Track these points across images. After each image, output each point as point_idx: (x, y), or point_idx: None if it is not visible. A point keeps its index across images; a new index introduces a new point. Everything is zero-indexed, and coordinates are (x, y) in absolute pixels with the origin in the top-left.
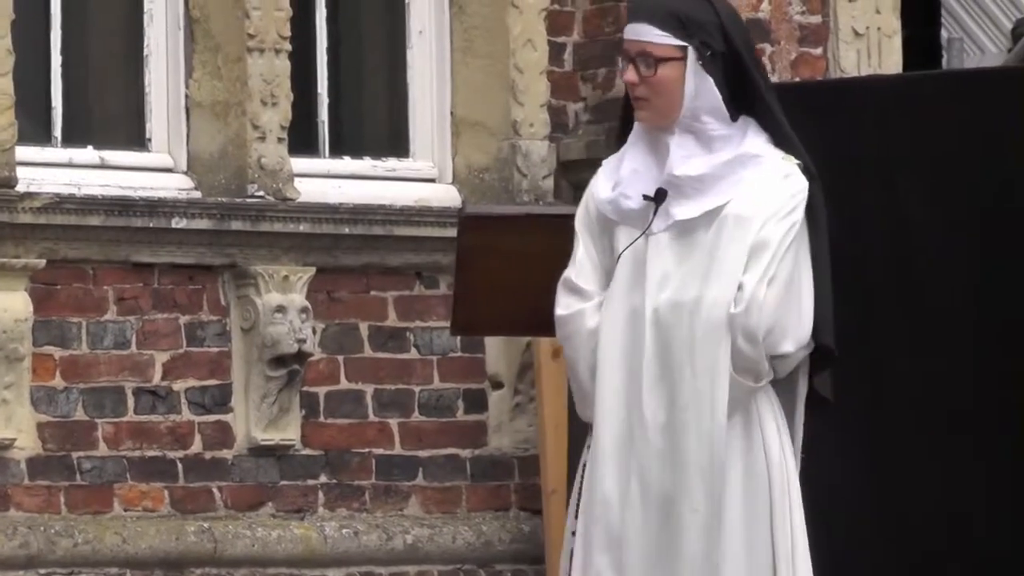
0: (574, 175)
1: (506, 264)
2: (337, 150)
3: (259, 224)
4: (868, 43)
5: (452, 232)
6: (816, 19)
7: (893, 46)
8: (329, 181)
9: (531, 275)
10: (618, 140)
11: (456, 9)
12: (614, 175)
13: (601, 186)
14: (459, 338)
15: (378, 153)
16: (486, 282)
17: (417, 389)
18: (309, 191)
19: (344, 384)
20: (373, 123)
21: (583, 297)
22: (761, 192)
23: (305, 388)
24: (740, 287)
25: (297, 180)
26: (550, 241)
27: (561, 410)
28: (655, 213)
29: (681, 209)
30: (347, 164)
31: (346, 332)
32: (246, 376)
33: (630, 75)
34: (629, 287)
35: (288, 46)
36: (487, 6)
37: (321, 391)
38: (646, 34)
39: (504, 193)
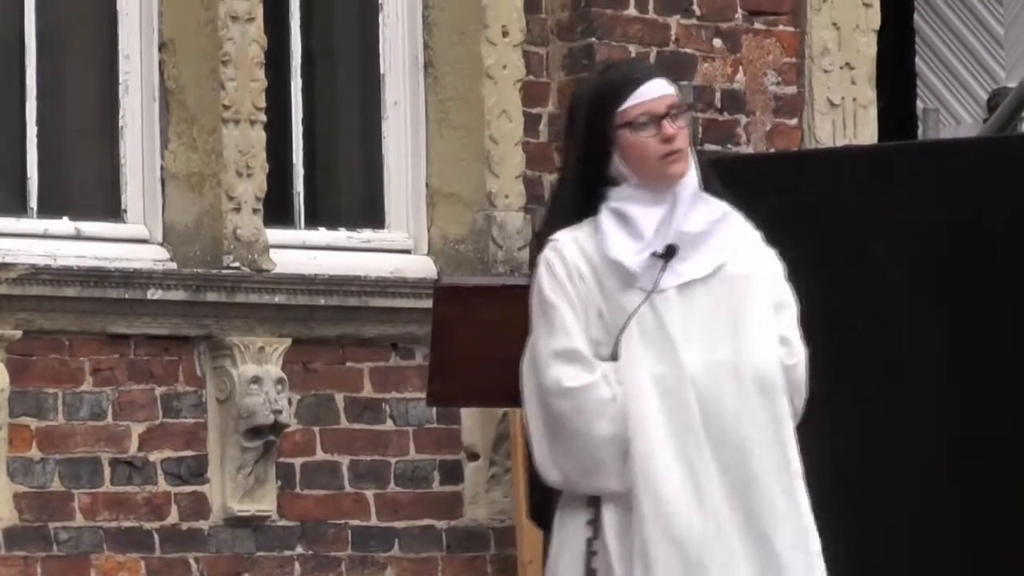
0: None
1: (482, 335)
2: (312, 221)
3: (235, 295)
4: (843, 114)
5: (427, 303)
6: (791, 90)
7: (868, 117)
8: (304, 252)
9: (507, 346)
10: (573, 207)
11: (431, 80)
12: (594, 239)
13: (615, 246)
14: (435, 409)
15: (353, 224)
16: (462, 353)
17: (393, 460)
18: (284, 262)
19: (320, 455)
20: (348, 194)
21: (589, 367)
22: (753, 250)
23: (281, 459)
24: (785, 341)
25: (272, 251)
26: (526, 312)
27: None
28: (662, 270)
29: (688, 267)
30: (322, 235)
31: (322, 403)
32: (222, 447)
33: (670, 128)
34: (645, 349)
35: (263, 117)
36: (462, 77)
37: (297, 462)
38: (668, 88)
39: (479, 264)
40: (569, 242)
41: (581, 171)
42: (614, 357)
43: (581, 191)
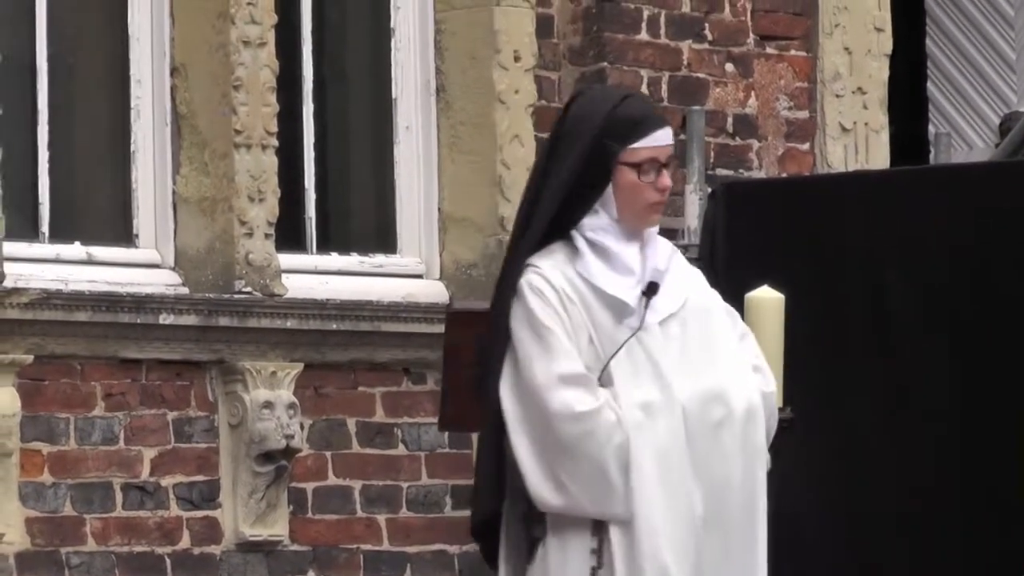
0: None
1: None
2: (324, 246)
3: (246, 320)
4: (855, 138)
5: (439, 328)
6: (803, 114)
7: (880, 141)
8: (316, 277)
9: None
10: (549, 223)
11: (443, 105)
12: (576, 266)
13: (608, 283)
14: (447, 434)
15: (365, 249)
16: (474, 378)
17: (405, 485)
18: (296, 287)
19: (332, 480)
20: (360, 219)
21: (594, 390)
22: (701, 283)
23: (293, 484)
24: (757, 369)
25: (284, 276)
26: None
27: None
28: (646, 307)
29: (663, 302)
30: (334, 260)
31: (334, 428)
32: (234, 472)
33: (667, 180)
34: (635, 376)
35: (275, 142)
36: (474, 102)
37: (309, 487)
38: (671, 138)
39: (491, 289)
40: (551, 268)
41: (569, 190)
42: (601, 384)
43: (562, 209)
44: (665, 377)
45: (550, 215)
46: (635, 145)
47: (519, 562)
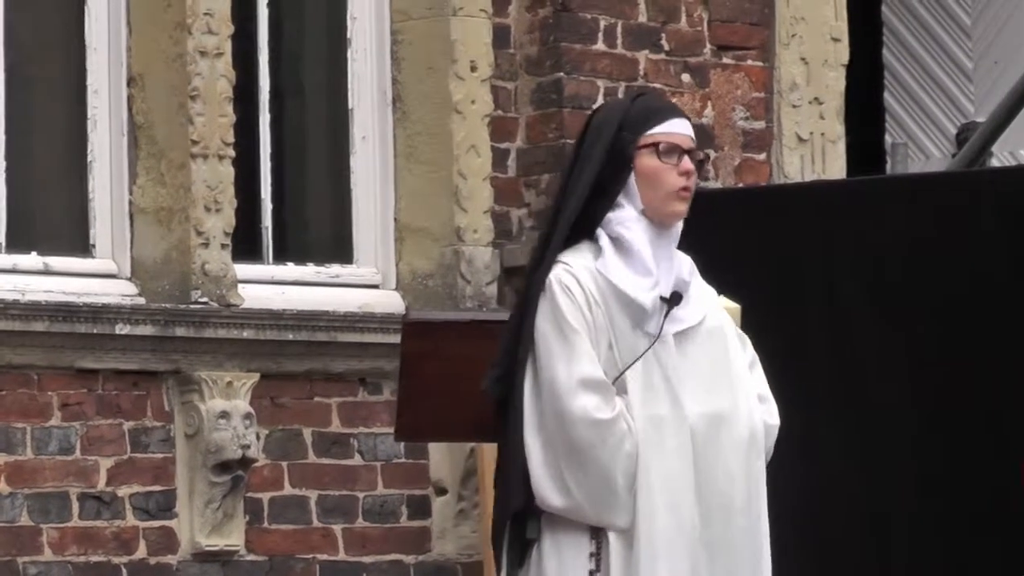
0: (518, 281)
1: (450, 370)
2: (281, 256)
3: (203, 330)
4: (812, 148)
5: (396, 338)
6: (760, 125)
7: (837, 151)
8: (273, 287)
9: (475, 381)
10: (575, 222)
11: (399, 115)
12: (599, 265)
13: (624, 280)
14: (403, 444)
15: (322, 259)
16: (430, 388)
17: (361, 495)
18: (253, 297)
19: (288, 490)
20: (317, 229)
21: (612, 398)
22: (716, 303)
23: (249, 494)
24: (763, 399)
25: (241, 286)
26: (494, 347)
27: None
28: (666, 316)
29: (684, 314)
30: (291, 270)
31: (290, 438)
32: (190, 482)
33: (690, 164)
34: (648, 390)
35: (232, 152)
36: (430, 112)
37: (265, 497)
38: (690, 130)
39: (448, 299)
40: (581, 268)
41: (592, 186)
42: (616, 389)
43: (587, 206)
44: (676, 394)
45: (576, 212)
46: (652, 131)
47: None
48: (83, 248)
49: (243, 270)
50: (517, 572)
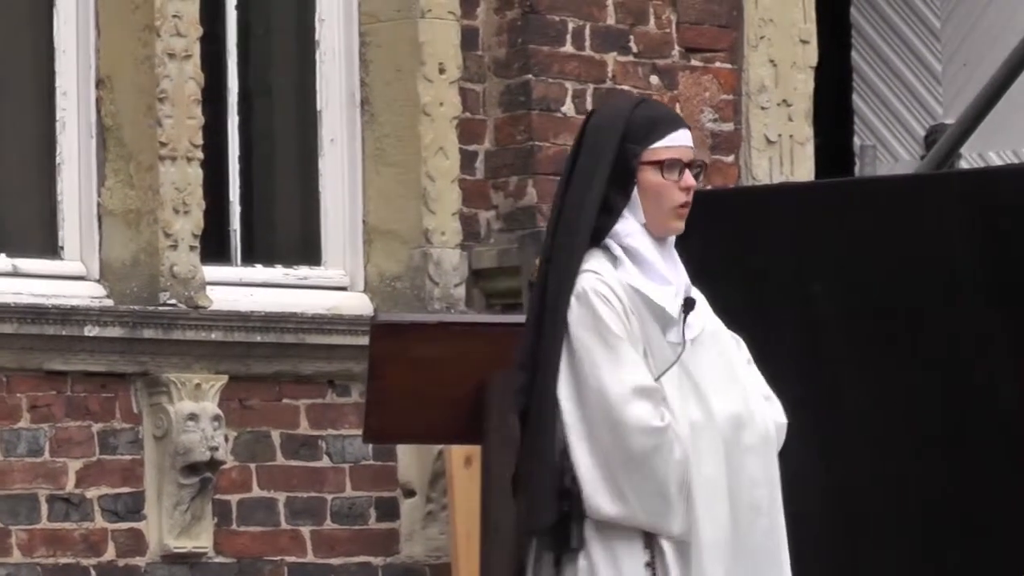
0: (486, 283)
1: (418, 372)
2: (249, 258)
3: (171, 332)
4: (781, 151)
5: (364, 340)
6: (728, 127)
7: (806, 153)
8: (241, 289)
9: (443, 383)
10: (588, 233)
11: (368, 117)
12: (621, 275)
13: (651, 291)
14: (371, 446)
15: (290, 261)
16: (398, 390)
17: (329, 497)
18: (221, 299)
19: (256, 492)
20: (285, 231)
21: (663, 405)
22: (707, 307)
23: (218, 496)
24: (769, 399)
25: (209, 288)
26: (462, 349)
27: (473, 518)
28: (684, 323)
29: (695, 319)
30: (259, 272)
31: (258, 440)
32: (159, 484)
33: (692, 180)
34: (678, 396)
35: (200, 154)
36: (399, 114)
37: (234, 499)
38: (691, 139)
39: (416, 301)
40: (612, 277)
41: (603, 198)
42: None
43: (599, 217)
44: (705, 396)
45: (591, 224)
46: (656, 145)
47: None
48: (52, 250)
49: (211, 272)
50: None
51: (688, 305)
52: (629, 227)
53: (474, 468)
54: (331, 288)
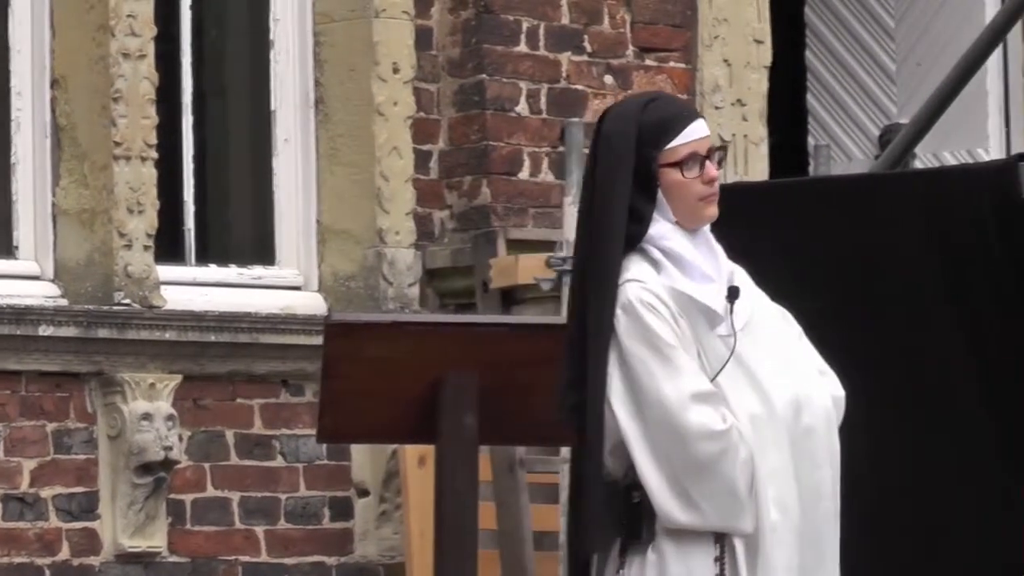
0: (440, 283)
1: (372, 372)
2: (203, 258)
3: (126, 332)
4: (735, 150)
5: (318, 340)
6: None
7: (760, 153)
8: (195, 289)
9: (397, 383)
10: (621, 240)
11: (322, 117)
12: (664, 279)
13: (695, 291)
14: (325, 445)
15: (244, 261)
16: (352, 390)
17: (283, 496)
18: (175, 299)
19: (211, 491)
20: (239, 231)
21: (722, 408)
22: (753, 286)
23: (172, 495)
24: (824, 373)
25: (163, 288)
26: (416, 349)
27: (427, 517)
28: (731, 313)
29: (740, 307)
30: (213, 272)
31: (212, 439)
32: (113, 483)
33: (713, 171)
34: (740, 391)
35: (154, 154)
36: (353, 114)
37: (188, 498)
38: (708, 130)
39: (370, 301)
40: (655, 283)
41: (630, 206)
42: None
43: (629, 224)
44: (763, 386)
45: (623, 232)
46: (671, 144)
47: (609, 562)
48: (6, 250)
49: (165, 272)
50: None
51: (732, 294)
52: (662, 229)
53: (428, 468)
54: (285, 288)
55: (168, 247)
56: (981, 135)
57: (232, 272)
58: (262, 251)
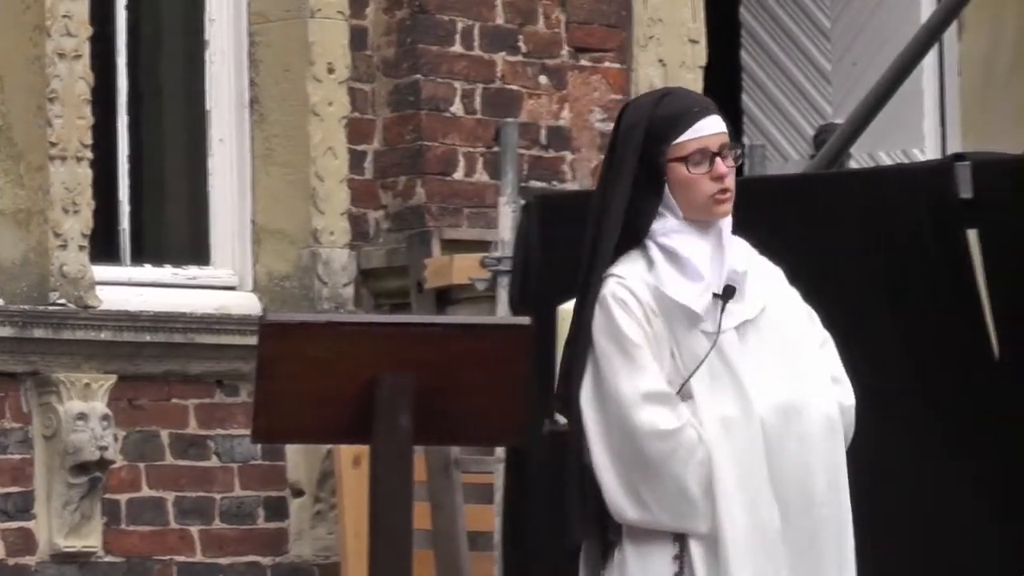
0: (375, 283)
1: (307, 372)
2: (138, 258)
3: (61, 332)
4: None
5: (253, 340)
6: None
7: None
8: (130, 289)
9: (332, 383)
10: (620, 236)
11: (257, 117)
12: (652, 276)
13: (677, 290)
14: (260, 445)
15: (179, 261)
16: (287, 390)
17: (218, 496)
18: (110, 299)
19: (146, 491)
20: (174, 231)
21: (677, 408)
22: (783, 288)
23: (107, 495)
24: (837, 380)
25: (98, 288)
26: (351, 349)
27: (362, 517)
28: (722, 311)
29: (741, 307)
30: (148, 272)
31: (147, 439)
32: (48, 483)
33: (723, 168)
34: (715, 391)
35: (90, 154)
36: (288, 114)
37: (123, 498)
38: (722, 126)
39: (305, 301)
40: (635, 279)
41: (631, 199)
42: (681, 397)
43: (629, 218)
44: (744, 389)
45: (619, 226)
46: (678, 140)
47: (595, 565)
48: None
49: (101, 272)
50: (602, 572)
51: (726, 293)
52: (667, 224)
53: (363, 468)
54: (220, 288)
55: (103, 247)
56: (917, 135)
57: (167, 272)
58: (197, 251)
